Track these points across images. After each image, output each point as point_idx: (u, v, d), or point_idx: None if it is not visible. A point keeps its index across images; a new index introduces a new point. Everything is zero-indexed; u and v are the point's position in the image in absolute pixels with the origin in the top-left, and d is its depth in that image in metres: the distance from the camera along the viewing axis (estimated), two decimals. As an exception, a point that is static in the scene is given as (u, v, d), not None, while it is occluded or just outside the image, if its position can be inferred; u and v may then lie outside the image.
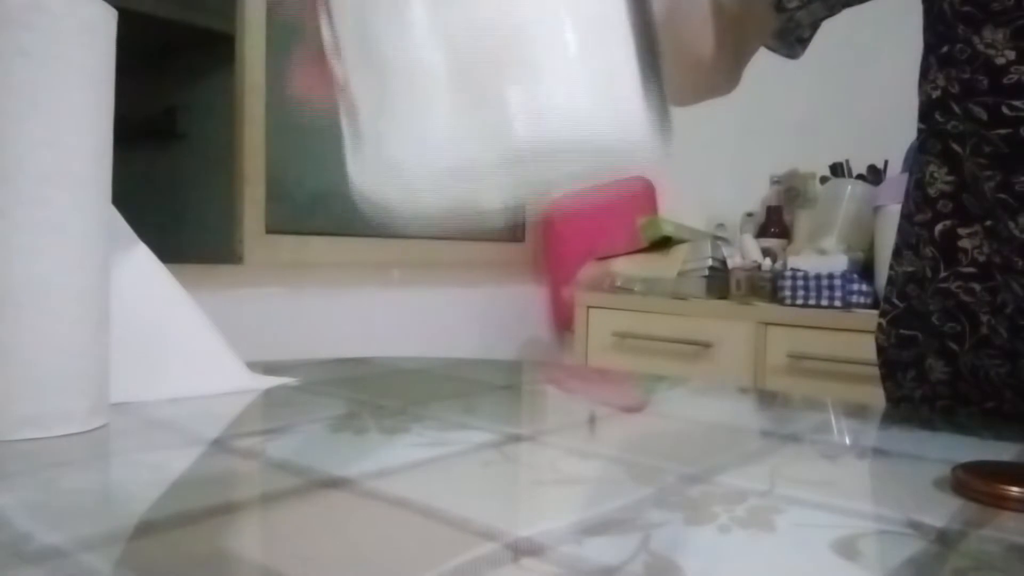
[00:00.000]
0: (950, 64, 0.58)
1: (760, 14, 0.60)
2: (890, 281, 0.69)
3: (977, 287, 0.59)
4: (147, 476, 0.38)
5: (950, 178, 0.63)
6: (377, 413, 0.52)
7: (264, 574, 0.28)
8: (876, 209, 1.65)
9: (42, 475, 0.37)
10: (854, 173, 1.92)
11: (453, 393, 0.61)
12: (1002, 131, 0.54)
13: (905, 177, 1.79)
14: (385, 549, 0.29)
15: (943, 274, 0.63)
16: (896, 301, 0.67)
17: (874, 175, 1.88)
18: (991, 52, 0.54)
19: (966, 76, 0.57)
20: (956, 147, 0.59)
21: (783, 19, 0.59)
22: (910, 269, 0.65)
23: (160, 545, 0.29)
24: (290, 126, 2.02)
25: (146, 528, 0.31)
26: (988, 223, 0.58)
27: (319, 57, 0.26)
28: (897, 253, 0.67)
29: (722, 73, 0.61)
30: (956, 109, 0.58)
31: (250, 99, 2.00)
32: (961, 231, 0.60)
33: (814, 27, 0.63)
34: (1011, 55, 0.52)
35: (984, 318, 0.59)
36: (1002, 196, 0.55)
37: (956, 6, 0.56)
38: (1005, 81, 0.53)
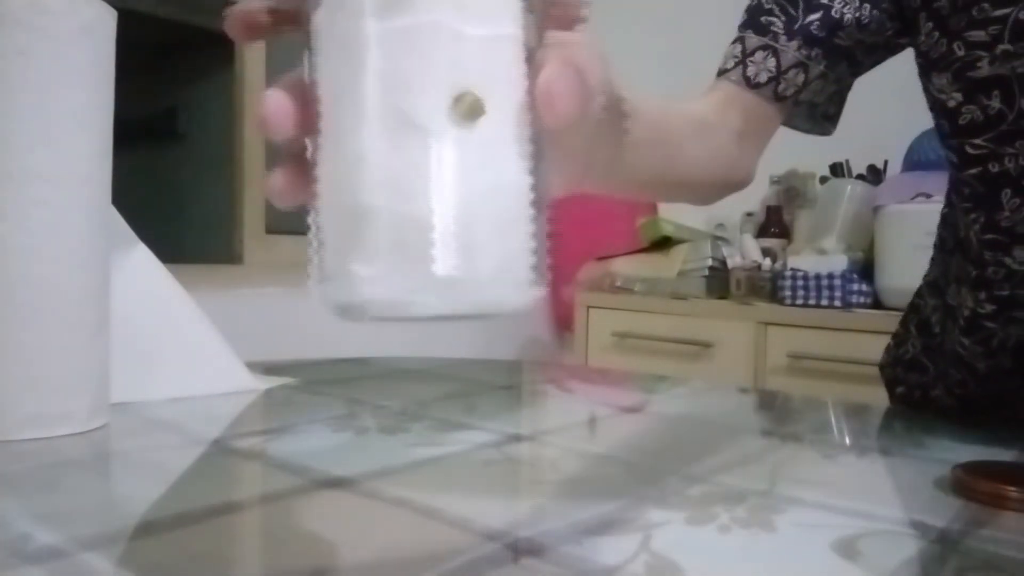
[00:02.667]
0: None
1: (763, 113, 0.59)
2: (914, 309, 0.69)
3: (966, 341, 0.59)
4: (147, 476, 0.38)
5: (944, 231, 0.63)
6: (377, 413, 0.52)
7: (264, 574, 0.28)
8: (876, 209, 1.65)
9: (42, 475, 0.37)
10: (854, 173, 1.91)
11: (453, 393, 0.61)
12: (973, 171, 0.55)
13: (905, 177, 1.78)
14: (385, 549, 0.29)
15: (936, 329, 0.63)
16: (913, 331, 0.67)
17: (874, 175, 1.88)
18: (943, 97, 0.54)
19: (935, 122, 0.57)
20: (954, 197, 0.60)
21: (788, 106, 0.59)
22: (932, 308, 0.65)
23: (160, 545, 0.29)
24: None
25: (146, 528, 0.31)
26: (972, 273, 0.58)
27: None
28: (934, 285, 0.67)
29: (740, 178, 0.60)
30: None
31: (250, 99, 2.00)
32: (949, 289, 0.61)
33: (835, 103, 0.63)
34: (959, 97, 0.53)
35: (980, 365, 0.59)
36: (990, 236, 0.55)
37: (916, 59, 0.57)
38: (961, 122, 0.54)
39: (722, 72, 0.60)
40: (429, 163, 0.23)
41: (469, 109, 0.23)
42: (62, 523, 0.30)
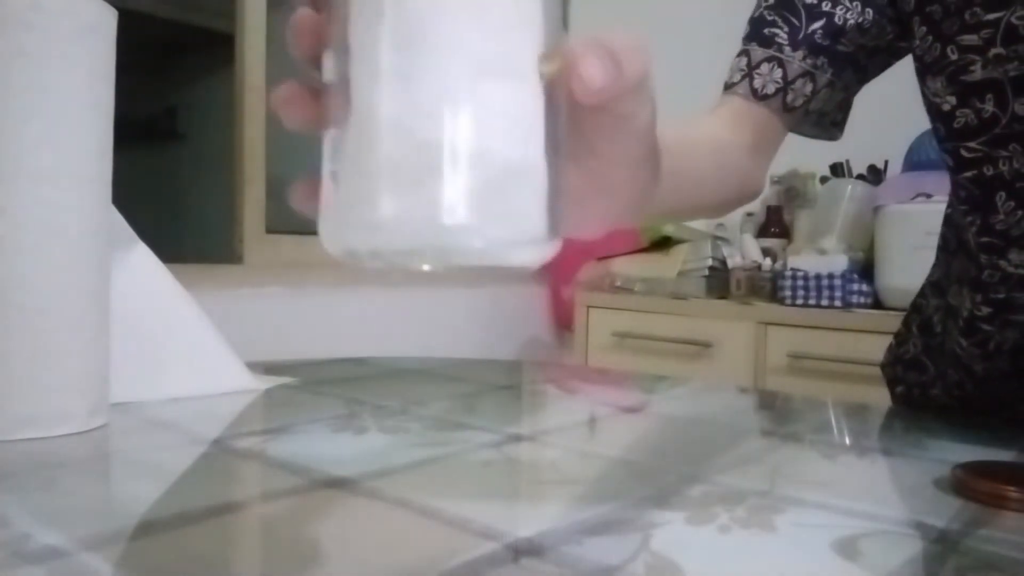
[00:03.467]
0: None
1: (773, 125, 0.59)
2: (916, 308, 0.69)
3: (964, 342, 0.59)
4: (147, 476, 0.38)
5: (947, 232, 0.63)
6: (377, 413, 0.52)
7: (264, 574, 0.28)
8: (876, 209, 1.65)
9: (42, 475, 0.37)
10: (854, 173, 1.91)
11: (453, 393, 0.61)
12: (968, 174, 0.55)
13: (905, 177, 1.78)
14: (385, 549, 0.29)
15: (938, 329, 0.63)
16: (915, 331, 0.68)
17: (874, 175, 1.88)
18: (938, 100, 0.55)
19: (931, 126, 0.58)
20: (952, 199, 0.60)
21: (798, 116, 0.59)
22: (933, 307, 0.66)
23: (160, 545, 0.29)
24: (290, 126, 2.02)
25: (146, 528, 0.31)
26: (971, 274, 0.58)
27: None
28: (936, 286, 0.67)
29: (753, 190, 0.60)
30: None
31: (250, 99, 2.00)
32: (951, 289, 0.61)
33: (842, 109, 0.63)
34: (953, 100, 0.53)
35: (978, 367, 0.59)
36: (986, 239, 0.55)
37: (914, 62, 0.57)
38: (955, 125, 0.54)
39: (729, 86, 0.60)
40: (514, 109, 0.24)
41: (557, 68, 0.24)
42: (62, 523, 0.30)
